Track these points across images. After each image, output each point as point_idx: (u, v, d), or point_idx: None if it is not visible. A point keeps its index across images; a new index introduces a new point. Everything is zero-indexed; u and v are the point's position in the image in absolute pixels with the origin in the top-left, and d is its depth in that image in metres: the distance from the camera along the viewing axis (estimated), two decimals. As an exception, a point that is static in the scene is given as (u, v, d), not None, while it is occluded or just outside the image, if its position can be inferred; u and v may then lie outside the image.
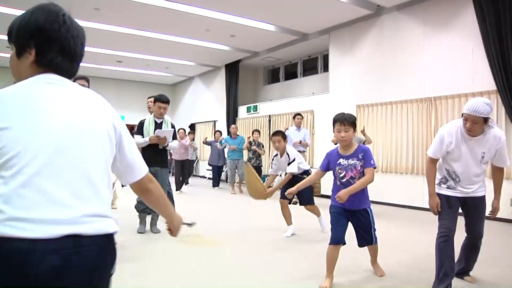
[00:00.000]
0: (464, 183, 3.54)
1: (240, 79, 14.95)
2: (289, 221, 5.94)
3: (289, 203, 5.90)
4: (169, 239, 5.30)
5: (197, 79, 18.09)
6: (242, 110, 14.98)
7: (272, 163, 6.16)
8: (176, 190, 10.87)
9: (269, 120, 13.37)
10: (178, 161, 11.37)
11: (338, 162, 3.69)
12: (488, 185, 3.73)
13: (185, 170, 11.47)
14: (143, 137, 5.61)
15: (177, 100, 19.94)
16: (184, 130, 12.31)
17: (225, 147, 11.83)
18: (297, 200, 9.00)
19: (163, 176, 5.65)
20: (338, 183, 3.73)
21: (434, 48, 8.44)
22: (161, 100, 5.81)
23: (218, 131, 13.41)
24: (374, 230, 3.79)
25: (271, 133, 12.06)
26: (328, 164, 3.83)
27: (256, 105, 14.30)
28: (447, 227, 3.52)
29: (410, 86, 8.83)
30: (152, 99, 6.82)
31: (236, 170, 11.37)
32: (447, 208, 3.56)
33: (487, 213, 3.70)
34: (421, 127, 8.60)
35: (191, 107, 18.46)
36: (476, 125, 3.30)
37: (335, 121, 3.70)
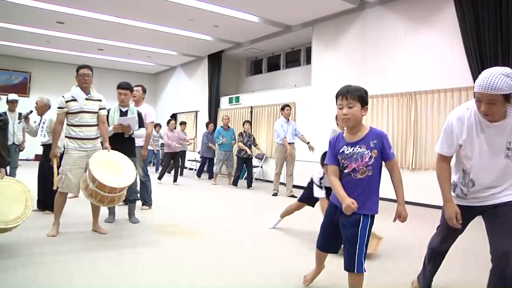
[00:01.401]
0: (479, 187, 2.68)
1: (223, 70, 14.92)
2: (285, 215, 5.62)
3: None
4: (147, 229, 5.34)
5: (179, 69, 18.00)
6: (224, 101, 14.97)
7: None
8: (158, 179, 10.84)
9: (251, 112, 13.39)
10: (169, 153, 11.10)
11: (341, 151, 2.74)
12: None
13: (177, 162, 11.33)
14: (109, 126, 5.39)
15: (159, 89, 19.83)
16: (175, 121, 12.16)
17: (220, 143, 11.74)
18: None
19: None
20: (339, 175, 2.80)
21: (415, 44, 8.55)
22: (121, 86, 5.65)
23: (210, 121, 13.25)
24: (362, 252, 2.64)
25: (252, 124, 12.12)
26: (335, 149, 2.82)
27: (238, 96, 14.30)
28: (441, 239, 3.00)
29: (392, 80, 8.94)
30: (139, 88, 6.79)
31: (226, 162, 11.29)
32: (446, 222, 2.78)
33: None
34: (401, 121, 8.73)
35: (173, 97, 18.38)
36: (494, 106, 2.38)
37: (337, 96, 2.78)
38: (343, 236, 2.75)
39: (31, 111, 6.34)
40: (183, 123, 12.89)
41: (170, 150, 11.10)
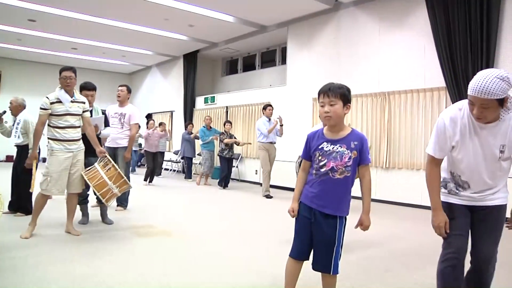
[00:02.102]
0: (475, 191, 2.57)
1: (198, 69, 14.87)
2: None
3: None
4: (122, 230, 5.29)
5: (154, 68, 17.86)
6: (199, 101, 14.91)
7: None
8: (145, 180, 10.76)
9: (226, 111, 13.39)
10: (150, 153, 11.02)
11: (320, 147, 2.65)
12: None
13: (156, 162, 11.23)
14: None
15: (134, 89, 19.57)
16: (154, 121, 12.05)
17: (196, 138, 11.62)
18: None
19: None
20: (314, 173, 2.67)
21: (389, 45, 8.68)
22: (87, 88, 5.59)
23: (190, 122, 13.14)
24: (338, 254, 2.63)
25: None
26: (311, 144, 2.75)
27: (214, 96, 14.27)
28: (454, 246, 2.54)
29: (366, 80, 9.05)
30: (123, 87, 6.73)
31: (209, 161, 11.21)
32: (450, 220, 2.59)
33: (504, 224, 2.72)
34: (375, 121, 8.85)
35: (148, 96, 18.22)
36: (487, 110, 2.29)
37: (319, 93, 2.68)
38: (318, 238, 2.63)
39: (5, 111, 6.21)
40: (162, 124, 12.83)
41: (151, 150, 11.04)
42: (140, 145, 14.56)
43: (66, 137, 4.80)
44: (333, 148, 2.60)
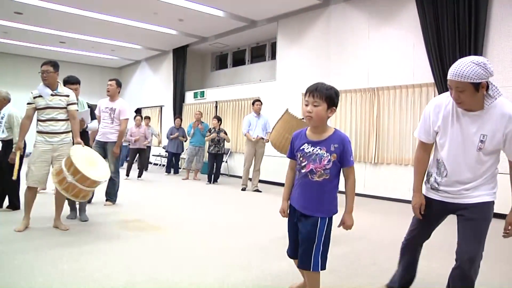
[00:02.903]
0: (452, 179, 2.59)
1: (188, 64, 14.82)
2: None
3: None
4: (110, 224, 5.28)
5: (144, 63, 17.77)
6: (189, 96, 14.87)
7: None
8: (126, 175, 10.78)
9: (216, 106, 13.36)
10: (135, 149, 11.05)
11: (301, 148, 2.65)
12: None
13: (143, 157, 11.21)
14: None
15: (123, 84, 19.21)
16: (141, 117, 12.00)
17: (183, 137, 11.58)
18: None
19: None
20: (298, 174, 2.72)
21: (378, 41, 8.71)
22: (70, 81, 5.58)
23: (178, 116, 13.09)
24: (319, 251, 2.60)
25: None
26: (294, 145, 2.76)
27: (203, 91, 14.23)
28: (412, 235, 2.90)
29: (355, 76, 9.07)
30: (113, 82, 6.70)
31: (196, 157, 11.23)
32: (424, 212, 2.78)
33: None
34: (364, 116, 8.88)
35: (138, 91, 18.13)
36: (463, 94, 2.36)
37: (305, 92, 2.68)
38: (300, 236, 2.67)
39: None
40: (147, 118, 12.77)
41: (135, 146, 11.04)
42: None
43: (47, 130, 4.83)
44: (313, 150, 2.60)
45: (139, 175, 10.93)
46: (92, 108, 5.82)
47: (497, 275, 3.76)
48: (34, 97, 4.84)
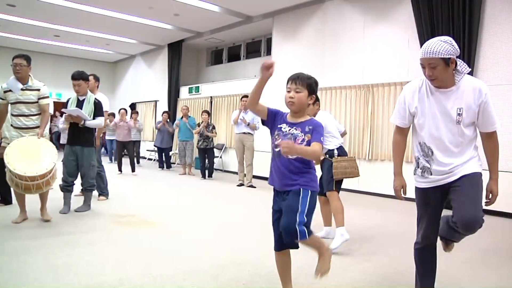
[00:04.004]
0: (439, 156, 2.63)
1: (183, 59, 14.78)
2: (326, 222, 4.82)
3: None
4: (103, 219, 5.28)
5: (139, 57, 17.70)
6: (184, 91, 14.84)
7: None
8: (119, 171, 10.83)
9: (211, 102, 13.34)
10: (120, 142, 11.10)
11: (280, 127, 2.78)
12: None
13: (130, 152, 11.20)
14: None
15: (117, 78, 19.46)
16: (126, 110, 12.00)
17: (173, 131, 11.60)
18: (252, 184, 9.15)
19: (84, 155, 5.51)
20: (272, 153, 2.81)
21: (373, 38, 8.71)
22: (72, 77, 5.54)
23: (166, 112, 13.08)
24: (303, 220, 2.56)
25: (212, 114, 12.09)
26: (275, 117, 2.88)
27: (198, 86, 14.20)
28: (423, 232, 2.79)
29: (350, 72, 9.08)
30: (91, 77, 6.64)
31: (185, 152, 11.25)
32: (422, 205, 2.79)
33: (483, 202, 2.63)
34: (358, 113, 8.89)
35: (132, 86, 18.07)
36: (435, 70, 2.50)
37: (287, 80, 2.88)
38: (284, 211, 2.64)
39: None
40: (134, 112, 12.85)
41: (119, 138, 11.12)
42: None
43: (19, 125, 4.85)
44: (289, 130, 2.73)
45: (132, 170, 10.94)
46: (99, 104, 5.70)
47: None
48: (5, 91, 4.84)
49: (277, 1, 10.18)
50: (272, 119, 2.88)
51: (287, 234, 2.59)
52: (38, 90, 4.94)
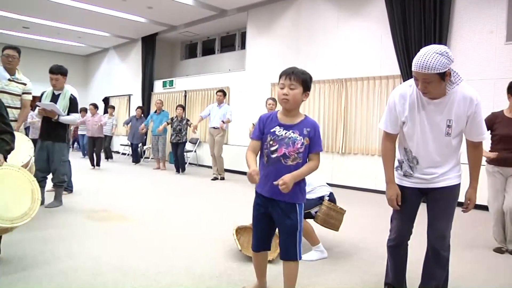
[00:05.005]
0: (423, 166, 2.63)
1: (157, 53, 14.64)
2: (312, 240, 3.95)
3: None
4: (76, 214, 5.21)
5: (112, 51, 17.46)
6: (158, 85, 14.72)
7: None
8: (91, 166, 10.72)
9: (185, 96, 13.26)
10: (91, 138, 11.00)
11: (273, 130, 2.59)
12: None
13: (98, 147, 11.06)
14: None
15: (90, 72, 19.16)
16: (96, 105, 11.85)
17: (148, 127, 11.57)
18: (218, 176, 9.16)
19: (55, 151, 5.45)
20: (265, 159, 2.61)
21: (347, 33, 8.79)
22: (50, 71, 5.47)
23: (139, 107, 12.95)
24: (301, 240, 2.63)
25: (186, 108, 12.04)
26: (264, 126, 2.65)
27: (172, 80, 14.11)
28: (397, 230, 2.80)
29: (324, 67, 9.15)
30: None
31: (158, 146, 11.18)
32: (401, 203, 2.75)
33: (460, 208, 2.76)
34: (332, 106, 8.98)
35: (105, 80, 17.82)
36: (430, 85, 2.40)
37: (280, 75, 2.64)
38: (280, 226, 2.63)
39: None
40: (110, 107, 12.71)
41: (88, 134, 11.11)
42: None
43: None
44: (285, 133, 2.56)
45: (97, 164, 10.89)
46: (76, 101, 5.65)
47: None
48: None
49: (251, -5, 10.17)
50: (261, 132, 2.65)
51: (288, 255, 2.63)
52: (25, 84, 4.94)
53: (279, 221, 2.61)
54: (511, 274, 3.68)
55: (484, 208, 4.59)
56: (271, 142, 2.58)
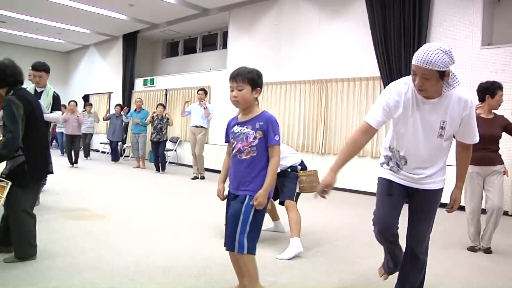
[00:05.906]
0: (412, 167, 2.60)
1: (138, 51, 14.53)
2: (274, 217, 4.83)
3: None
4: (54, 213, 5.16)
5: (92, 48, 17.26)
6: (138, 83, 14.61)
7: None
8: (70, 164, 10.58)
9: (166, 94, 13.20)
10: (69, 136, 10.86)
11: (232, 130, 2.74)
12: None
13: (77, 145, 10.95)
14: None
15: (70, 69, 18.92)
16: (76, 102, 11.73)
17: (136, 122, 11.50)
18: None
19: None
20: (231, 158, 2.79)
21: (328, 34, 8.86)
22: (34, 67, 5.37)
23: (118, 104, 12.86)
24: (244, 231, 2.59)
25: (167, 107, 11.98)
26: (228, 129, 2.85)
27: (153, 78, 14.02)
28: (382, 220, 2.70)
29: (304, 67, 9.21)
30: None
31: (138, 145, 11.10)
32: (385, 195, 2.69)
33: (444, 208, 2.78)
34: (312, 107, 9.05)
35: (86, 77, 17.61)
36: (428, 82, 2.33)
37: (229, 79, 2.74)
38: (227, 216, 2.71)
39: None
40: (88, 104, 12.62)
41: (67, 132, 10.97)
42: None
43: None
44: (241, 130, 2.69)
45: (75, 161, 10.75)
46: (58, 98, 5.55)
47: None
48: None
49: (233, -6, 10.17)
50: (229, 135, 2.82)
51: (227, 244, 2.69)
52: None
53: (229, 211, 2.72)
54: (484, 272, 3.77)
55: (460, 208, 4.67)
56: (232, 141, 2.75)
